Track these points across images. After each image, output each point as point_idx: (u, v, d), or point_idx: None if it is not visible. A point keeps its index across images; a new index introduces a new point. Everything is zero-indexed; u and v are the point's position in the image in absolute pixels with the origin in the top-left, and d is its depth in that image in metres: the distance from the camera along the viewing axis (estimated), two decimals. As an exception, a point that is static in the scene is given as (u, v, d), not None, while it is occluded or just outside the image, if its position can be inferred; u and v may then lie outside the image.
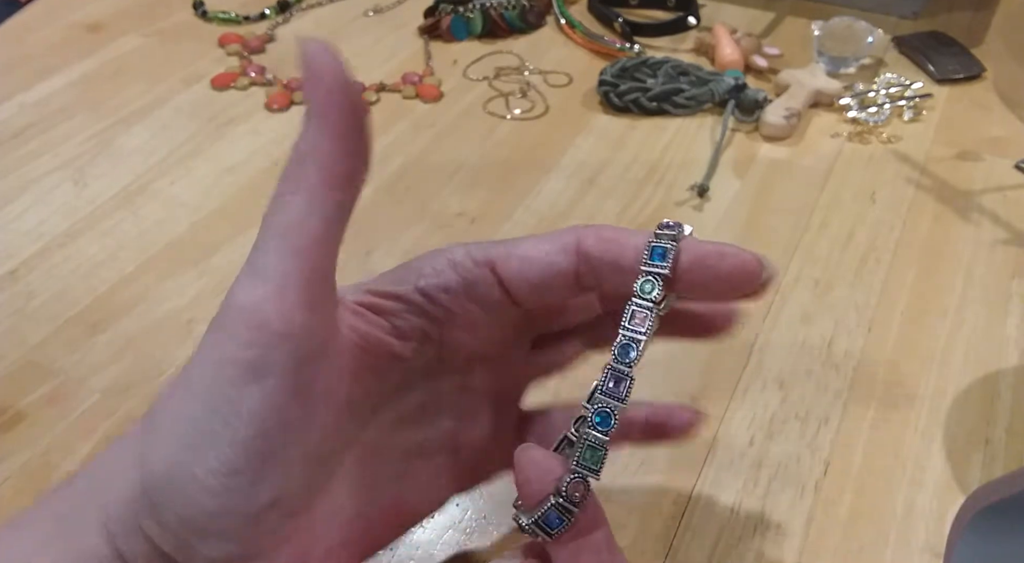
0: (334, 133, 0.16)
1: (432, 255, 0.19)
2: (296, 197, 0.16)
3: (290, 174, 0.16)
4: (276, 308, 0.15)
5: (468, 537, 0.26)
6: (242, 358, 0.15)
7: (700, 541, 0.26)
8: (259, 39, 0.51)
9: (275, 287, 0.15)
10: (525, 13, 0.52)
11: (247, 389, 0.15)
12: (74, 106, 0.45)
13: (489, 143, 0.43)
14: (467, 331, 0.19)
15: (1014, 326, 0.33)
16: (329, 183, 0.16)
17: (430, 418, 0.20)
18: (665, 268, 0.17)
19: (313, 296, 0.16)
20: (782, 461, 0.28)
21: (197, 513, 0.15)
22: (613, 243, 0.17)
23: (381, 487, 0.19)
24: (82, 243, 0.37)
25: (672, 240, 0.17)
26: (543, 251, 0.18)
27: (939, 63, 0.48)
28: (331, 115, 0.15)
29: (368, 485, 0.18)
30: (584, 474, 0.17)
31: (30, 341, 0.32)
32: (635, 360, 0.17)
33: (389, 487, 0.19)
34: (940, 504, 0.27)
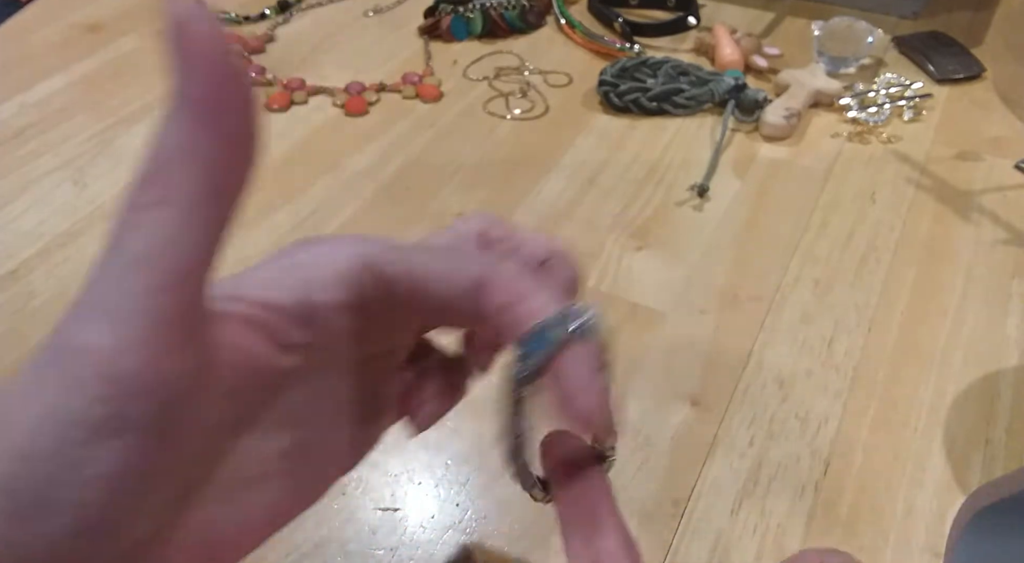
0: (219, 129, 0.12)
1: (315, 257, 0.16)
2: (162, 212, 0.12)
3: (151, 179, 0.12)
4: (138, 358, 0.12)
5: (468, 537, 0.26)
6: (94, 416, 0.12)
7: (700, 541, 0.26)
8: (259, 39, 0.51)
9: (135, 331, 0.12)
10: (525, 13, 0.52)
11: (98, 450, 0.12)
12: (74, 106, 0.45)
13: (489, 143, 0.43)
14: (355, 340, 0.17)
15: (1014, 326, 0.33)
16: (210, 194, 0.12)
17: (298, 423, 0.17)
18: (535, 368, 0.15)
19: (183, 334, 0.12)
20: (782, 461, 0.28)
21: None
22: (512, 309, 0.16)
23: (245, 495, 0.16)
24: (82, 243, 0.37)
25: (555, 340, 0.15)
26: (446, 286, 0.16)
27: (939, 63, 0.48)
28: (217, 104, 0.12)
29: (234, 497, 0.16)
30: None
31: (30, 341, 0.32)
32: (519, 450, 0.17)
33: (251, 495, 0.16)
34: (940, 504, 0.27)
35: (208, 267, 0.13)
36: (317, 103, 0.46)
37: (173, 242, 0.12)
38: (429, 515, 0.26)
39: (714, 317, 0.33)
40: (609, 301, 0.34)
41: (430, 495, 0.27)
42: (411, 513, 0.27)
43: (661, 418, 0.29)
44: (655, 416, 0.29)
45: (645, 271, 0.36)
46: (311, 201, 0.39)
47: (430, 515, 0.26)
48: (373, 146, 0.43)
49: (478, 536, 0.26)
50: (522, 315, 0.16)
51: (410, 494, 0.27)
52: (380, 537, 0.26)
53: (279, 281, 0.16)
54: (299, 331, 0.16)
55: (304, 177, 0.41)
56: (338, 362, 0.17)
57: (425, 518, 0.26)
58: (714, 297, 0.34)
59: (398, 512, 0.27)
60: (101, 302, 0.12)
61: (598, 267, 0.36)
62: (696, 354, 0.32)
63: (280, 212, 0.39)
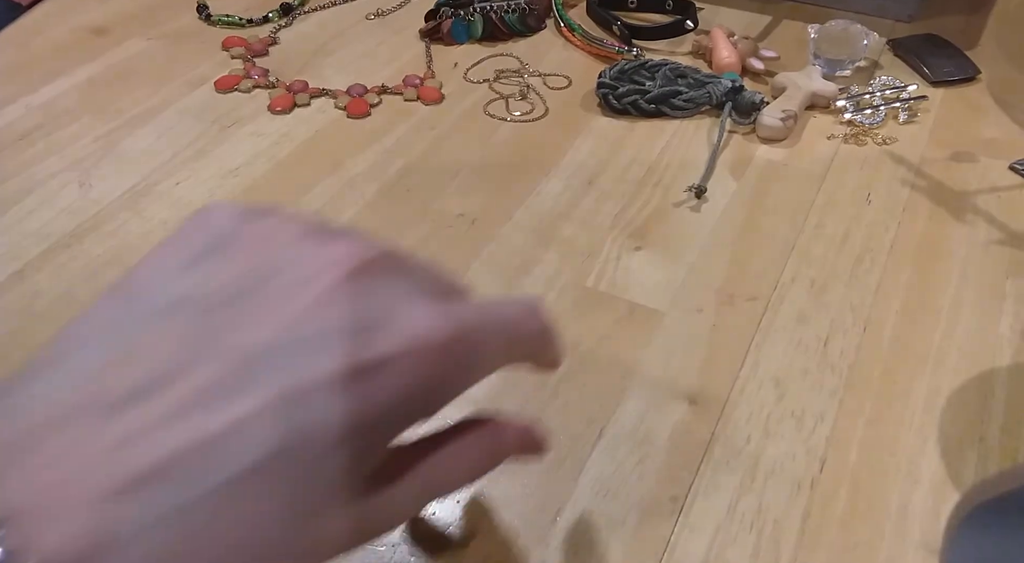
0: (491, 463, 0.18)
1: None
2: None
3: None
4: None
5: (469, 534, 0.26)
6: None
7: (697, 538, 0.26)
8: (262, 42, 0.51)
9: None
10: (525, 16, 0.52)
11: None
12: (79, 108, 0.46)
13: (489, 145, 0.44)
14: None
15: (1008, 326, 0.33)
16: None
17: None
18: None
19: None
20: (778, 459, 0.28)
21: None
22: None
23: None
24: (88, 244, 0.37)
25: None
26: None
27: (934, 65, 0.48)
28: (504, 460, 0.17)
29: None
30: None
31: (36, 340, 0.33)
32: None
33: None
34: (935, 501, 0.27)
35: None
36: (319, 105, 0.46)
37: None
38: (430, 511, 0.27)
39: (711, 316, 0.34)
40: (608, 300, 0.34)
41: (431, 492, 0.27)
42: (412, 509, 0.27)
43: (659, 417, 0.30)
44: (653, 415, 0.30)
45: (643, 271, 0.36)
46: (313, 202, 0.40)
47: (431, 511, 0.27)
48: (375, 148, 0.43)
49: (479, 533, 0.26)
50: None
51: (411, 491, 0.27)
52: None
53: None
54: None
55: (306, 178, 0.41)
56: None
57: (426, 515, 0.27)
58: (711, 297, 0.35)
59: (400, 508, 0.27)
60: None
61: (597, 267, 0.36)
62: (693, 353, 0.32)
63: (283, 213, 0.39)
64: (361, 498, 0.16)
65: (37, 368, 0.15)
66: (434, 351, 0.15)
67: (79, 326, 0.15)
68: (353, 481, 0.15)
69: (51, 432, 0.14)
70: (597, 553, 0.26)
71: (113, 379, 0.14)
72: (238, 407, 0.14)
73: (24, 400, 0.14)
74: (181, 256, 0.16)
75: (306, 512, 0.15)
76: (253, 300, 0.15)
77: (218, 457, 0.14)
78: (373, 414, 0.15)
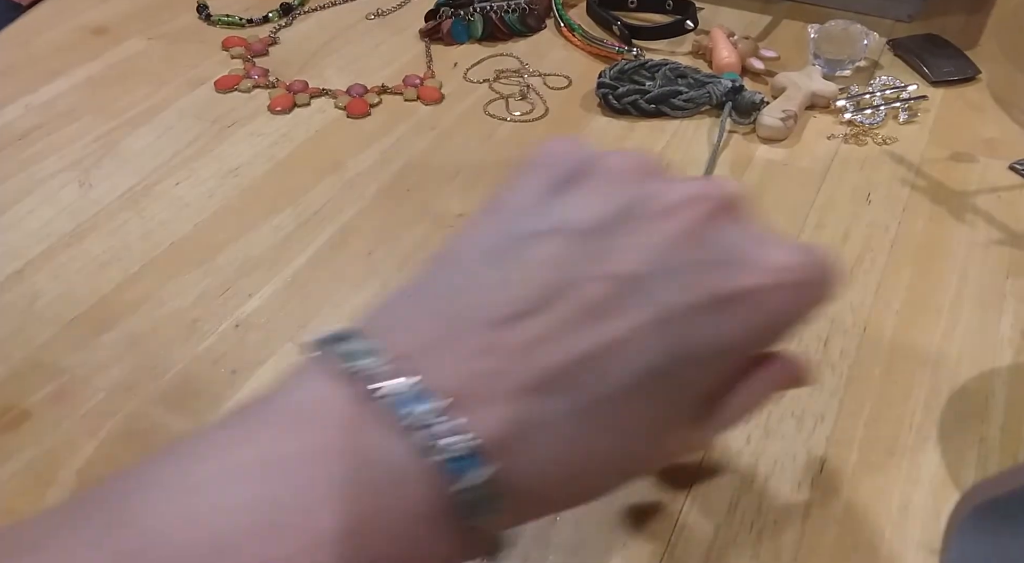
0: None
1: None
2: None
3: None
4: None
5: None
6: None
7: (697, 539, 0.26)
8: (262, 42, 0.51)
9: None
10: (525, 16, 0.52)
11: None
12: (80, 108, 0.46)
13: (489, 145, 0.44)
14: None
15: (1008, 325, 0.33)
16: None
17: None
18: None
19: None
20: (779, 459, 0.28)
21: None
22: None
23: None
24: (87, 244, 0.37)
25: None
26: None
27: (934, 65, 0.48)
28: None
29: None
30: None
31: (36, 340, 0.33)
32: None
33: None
34: (935, 501, 0.27)
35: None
36: (319, 105, 0.46)
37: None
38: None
39: (712, 316, 0.34)
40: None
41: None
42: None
43: (659, 416, 0.30)
44: (653, 414, 0.30)
45: (643, 271, 0.36)
46: (313, 202, 0.40)
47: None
48: (375, 148, 0.43)
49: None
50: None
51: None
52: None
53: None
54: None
55: (306, 178, 0.41)
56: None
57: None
58: (712, 297, 0.35)
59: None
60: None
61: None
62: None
63: (282, 213, 0.39)
64: (697, 419, 0.17)
65: (443, 269, 0.17)
66: (791, 287, 0.17)
67: (471, 237, 0.17)
68: (701, 402, 0.17)
69: (473, 330, 0.15)
70: (597, 553, 0.26)
71: (515, 290, 0.16)
72: (625, 322, 0.15)
73: (446, 298, 0.16)
74: (542, 186, 0.18)
75: (666, 426, 0.17)
76: (621, 230, 0.16)
77: (617, 363, 0.15)
78: (732, 341, 0.16)
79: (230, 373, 0.31)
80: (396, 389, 0.14)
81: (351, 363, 0.15)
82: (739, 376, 0.18)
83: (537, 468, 0.15)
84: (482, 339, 0.15)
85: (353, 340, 0.15)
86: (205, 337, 0.33)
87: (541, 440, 0.15)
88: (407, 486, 0.14)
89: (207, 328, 0.33)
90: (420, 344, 0.15)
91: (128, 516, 0.13)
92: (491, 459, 0.14)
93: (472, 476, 0.14)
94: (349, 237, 0.38)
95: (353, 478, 0.14)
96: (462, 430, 0.14)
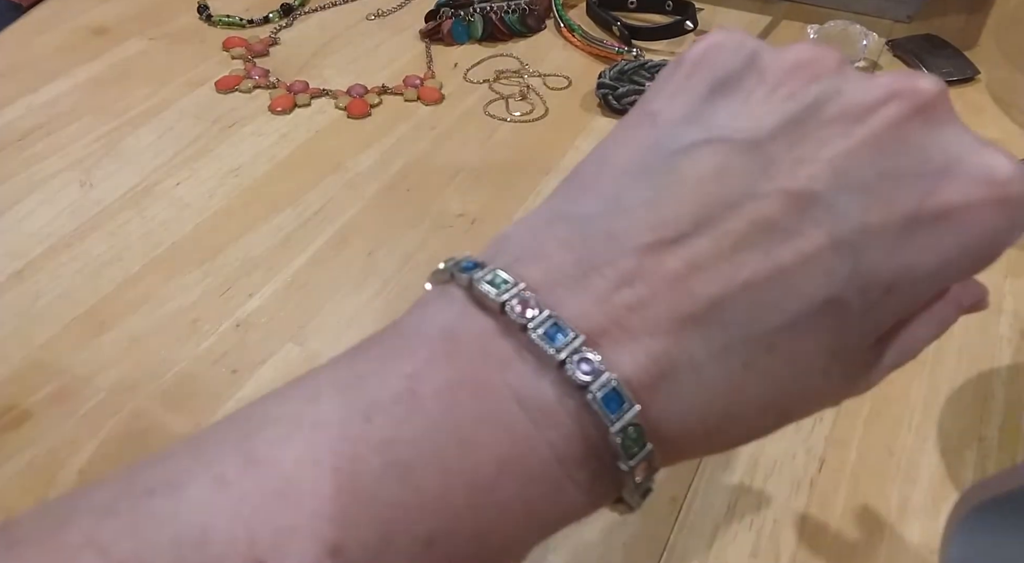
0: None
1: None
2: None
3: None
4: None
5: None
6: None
7: (697, 538, 0.26)
8: (263, 43, 0.51)
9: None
10: (525, 17, 0.52)
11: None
12: (81, 108, 0.46)
13: (489, 145, 0.44)
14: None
15: (1007, 325, 0.33)
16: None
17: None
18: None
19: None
20: (778, 458, 0.28)
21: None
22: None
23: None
24: (88, 243, 0.37)
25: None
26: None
27: (933, 66, 0.48)
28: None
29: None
30: None
31: (36, 340, 0.33)
32: None
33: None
34: (934, 501, 0.27)
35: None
36: (320, 106, 0.46)
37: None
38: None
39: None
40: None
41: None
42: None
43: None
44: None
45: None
46: (314, 202, 0.40)
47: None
48: (375, 148, 0.43)
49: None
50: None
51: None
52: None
53: None
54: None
55: (307, 178, 0.41)
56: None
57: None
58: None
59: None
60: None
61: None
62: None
63: (283, 213, 0.39)
64: (872, 357, 0.15)
65: (578, 191, 0.15)
66: (1009, 202, 0.14)
67: (610, 154, 0.15)
68: (872, 338, 0.14)
69: (616, 256, 0.13)
70: (597, 553, 0.26)
71: (667, 210, 0.13)
72: (799, 246, 0.13)
73: (583, 222, 0.14)
74: (700, 88, 0.15)
75: (835, 368, 0.14)
76: (797, 138, 0.14)
77: (785, 293, 0.13)
78: (930, 269, 0.14)
79: (230, 373, 0.31)
80: (534, 323, 0.13)
81: (483, 292, 0.13)
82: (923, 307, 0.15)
83: (686, 410, 0.13)
84: (627, 266, 0.13)
85: (482, 270, 0.13)
86: (205, 337, 0.33)
87: (693, 379, 0.13)
88: (547, 425, 0.13)
89: (207, 328, 0.33)
90: (556, 274, 0.13)
91: (261, 454, 0.12)
92: (636, 399, 0.13)
93: (615, 417, 0.13)
94: (349, 237, 0.38)
95: (495, 415, 0.12)
96: (604, 367, 0.13)
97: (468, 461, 0.12)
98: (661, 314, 0.13)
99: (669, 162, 0.14)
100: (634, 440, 0.13)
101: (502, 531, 0.13)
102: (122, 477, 0.12)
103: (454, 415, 0.12)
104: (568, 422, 0.13)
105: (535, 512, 0.13)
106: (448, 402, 0.13)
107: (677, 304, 0.13)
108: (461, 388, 0.13)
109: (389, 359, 0.13)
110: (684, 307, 0.13)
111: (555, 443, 0.13)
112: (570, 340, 0.13)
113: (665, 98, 0.15)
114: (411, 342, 0.13)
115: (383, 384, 0.13)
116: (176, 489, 0.12)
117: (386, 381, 0.13)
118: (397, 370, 0.13)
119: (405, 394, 0.13)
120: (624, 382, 0.13)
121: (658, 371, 0.13)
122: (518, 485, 0.13)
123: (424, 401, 0.12)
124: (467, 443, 0.12)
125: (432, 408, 0.12)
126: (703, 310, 0.13)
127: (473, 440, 0.12)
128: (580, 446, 0.13)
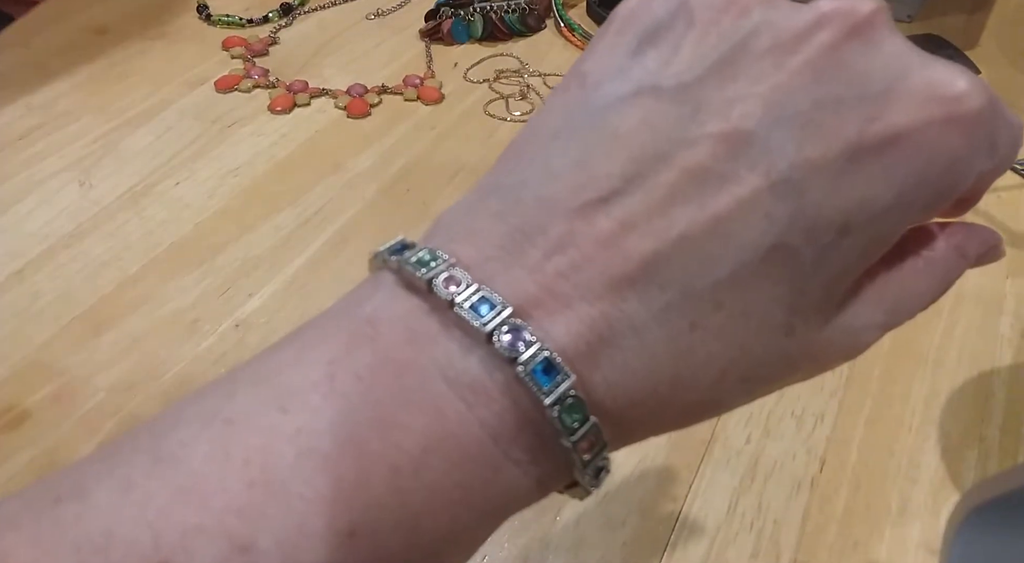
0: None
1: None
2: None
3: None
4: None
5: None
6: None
7: (697, 538, 0.26)
8: (262, 42, 0.51)
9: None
10: (525, 16, 0.52)
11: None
12: (80, 108, 0.46)
13: (489, 145, 0.44)
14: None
15: (1008, 325, 0.33)
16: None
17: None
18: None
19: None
20: (778, 458, 0.28)
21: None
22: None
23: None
24: (88, 244, 0.37)
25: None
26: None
27: (935, 66, 0.48)
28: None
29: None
30: None
31: (36, 341, 0.33)
32: None
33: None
34: (935, 501, 0.27)
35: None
36: (319, 105, 0.46)
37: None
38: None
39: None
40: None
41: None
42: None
43: (659, 416, 0.30)
44: (653, 414, 0.30)
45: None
46: (313, 202, 0.40)
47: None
48: (375, 148, 0.43)
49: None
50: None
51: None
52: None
53: None
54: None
55: (306, 178, 0.41)
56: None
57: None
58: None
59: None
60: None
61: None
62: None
63: (283, 213, 0.39)
64: (833, 315, 0.13)
65: (511, 163, 0.14)
66: (964, 120, 0.12)
67: (541, 122, 0.14)
68: (837, 289, 0.13)
69: (547, 223, 0.13)
70: (597, 553, 0.26)
71: (596, 168, 0.13)
72: (733, 190, 0.12)
73: (514, 193, 0.13)
74: (625, 43, 0.14)
75: (796, 322, 0.13)
76: (727, 77, 0.13)
77: (724, 243, 0.12)
78: (882, 203, 0.12)
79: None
80: (461, 298, 0.12)
81: (410, 272, 0.13)
82: (903, 254, 0.14)
83: (631, 378, 0.12)
84: (559, 232, 0.12)
85: (411, 250, 0.13)
86: (205, 337, 0.33)
87: (635, 344, 0.12)
88: (478, 403, 0.12)
89: (207, 328, 0.33)
90: (488, 248, 0.13)
91: (168, 453, 0.12)
92: (572, 369, 0.12)
93: (548, 388, 0.12)
94: (349, 237, 0.38)
95: (419, 395, 0.12)
96: (535, 338, 0.12)
97: (389, 444, 0.12)
98: (595, 278, 0.12)
99: (597, 119, 0.13)
100: (573, 413, 0.12)
101: (436, 517, 0.12)
102: (34, 487, 0.12)
103: (374, 397, 0.12)
104: (500, 398, 0.12)
105: (473, 495, 0.12)
106: (368, 385, 0.12)
107: (611, 266, 0.12)
108: (383, 370, 0.12)
109: (308, 349, 0.13)
110: (618, 269, 0.12)
111: (487, 421, 0.12)
112: (497, 312, 0.12)
113: (595, 58, 0.14)
114: (333, 330, 0.13)
115: (301, 374, 0.12)
116: (83, 495, 0.12)
117: (304, 371, 0.12)
118: (316, 358, 0.12)
119: (322, 381, 0.12)
120: (559, 351, 0.12)
121: (596, 338, 0.12)
122: (447, 466, 0.12)
123: (342, 386, 0.12)
124: (388, 425, 0.12)
125: (351, 392, 0.12)
126: (638, 270, 0.12)
127: (394, 422, 0.12)
128: (514, 423, 0.12)
